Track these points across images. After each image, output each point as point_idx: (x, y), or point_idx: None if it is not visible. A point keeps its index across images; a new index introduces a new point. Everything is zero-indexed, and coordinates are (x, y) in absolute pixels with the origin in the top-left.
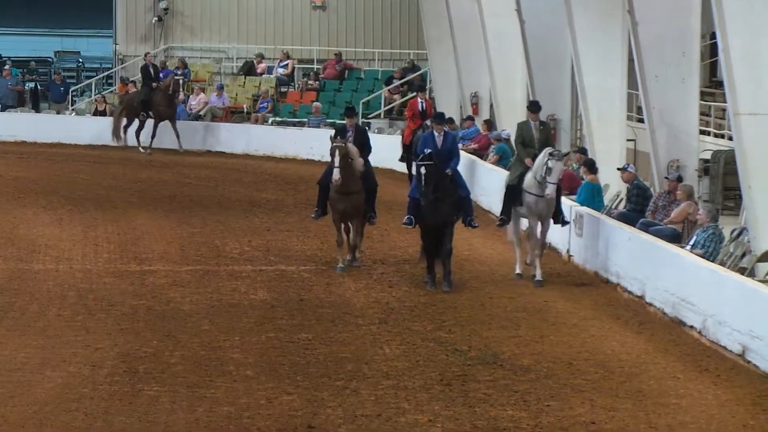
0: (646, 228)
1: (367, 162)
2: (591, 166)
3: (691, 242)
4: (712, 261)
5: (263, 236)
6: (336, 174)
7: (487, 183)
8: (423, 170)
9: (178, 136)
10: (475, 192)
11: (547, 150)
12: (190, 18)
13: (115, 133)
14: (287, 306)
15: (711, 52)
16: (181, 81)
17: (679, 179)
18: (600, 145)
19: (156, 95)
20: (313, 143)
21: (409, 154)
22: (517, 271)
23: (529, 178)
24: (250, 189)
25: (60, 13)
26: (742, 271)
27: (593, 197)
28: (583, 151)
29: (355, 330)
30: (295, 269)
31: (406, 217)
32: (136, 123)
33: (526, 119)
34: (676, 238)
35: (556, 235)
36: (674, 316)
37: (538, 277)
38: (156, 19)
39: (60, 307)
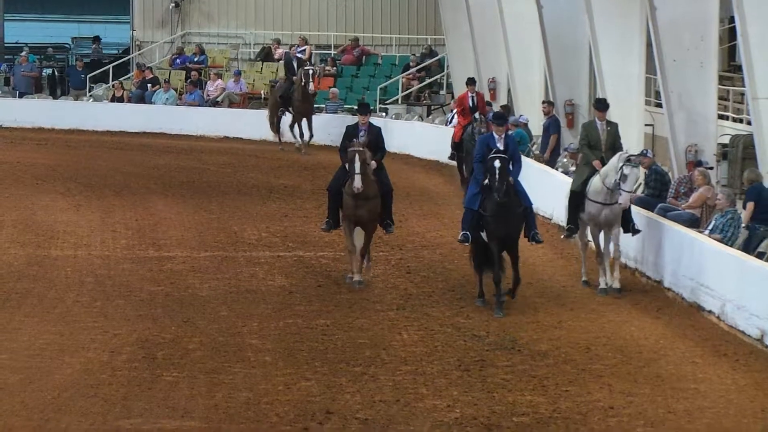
0: (664, 213)
1: (380, 164)
2: None
3: (710, 227)
4: (731, 246)
5: (281, 222)
6: (357, 181)
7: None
8: (497, 163)
9: (310, 134)
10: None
11: (623, 154)
12: (208, 4)
13: (272, 128)
14: (305, 292)
15: (729, 36)
16: (311, 71)
17: (699, 164)
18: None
19: (295, 90)
20: (330, 129)
21: (459, 152)
22: (584, 278)
23: (596, 182)
24: (267, 175)
25: None
26: (760, 255)
27: None
28: None
29: (374, 316)
30: (313, 255)
31: (461, 234)
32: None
33: (592, 119)
34: (694, 223)
35: None
36: (693, 301)
37: (616, 285)
38: (173, 5)
39: (78, 293)
